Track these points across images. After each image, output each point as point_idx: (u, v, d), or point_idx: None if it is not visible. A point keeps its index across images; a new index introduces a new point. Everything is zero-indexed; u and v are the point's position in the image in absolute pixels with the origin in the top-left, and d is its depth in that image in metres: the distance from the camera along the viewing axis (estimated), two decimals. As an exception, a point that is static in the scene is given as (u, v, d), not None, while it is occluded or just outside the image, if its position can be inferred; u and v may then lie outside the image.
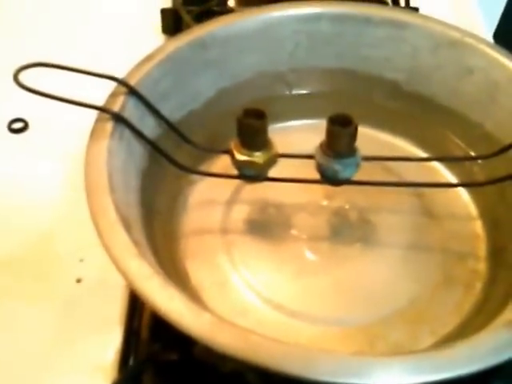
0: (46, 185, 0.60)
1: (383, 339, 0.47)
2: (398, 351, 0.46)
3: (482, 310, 0.48)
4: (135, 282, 0.37)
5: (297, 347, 0.36)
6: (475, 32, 0.57)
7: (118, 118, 0.46)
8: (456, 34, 0.55)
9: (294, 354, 0.35)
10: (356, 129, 0.47)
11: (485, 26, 0.78)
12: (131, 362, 0.49)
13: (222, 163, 0.54)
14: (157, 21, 0.75)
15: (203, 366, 0.48)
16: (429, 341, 0.47)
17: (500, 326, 0.38)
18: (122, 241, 0.39)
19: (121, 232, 0.39)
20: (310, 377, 0.34)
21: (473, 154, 0.56)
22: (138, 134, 0.48)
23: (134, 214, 0.44)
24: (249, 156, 0.49)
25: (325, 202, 0.55)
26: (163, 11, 0.74)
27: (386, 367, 0.35)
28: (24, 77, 0.43)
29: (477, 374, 0.45)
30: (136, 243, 0.39)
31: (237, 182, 0.54)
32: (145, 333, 0.51)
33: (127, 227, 0.40)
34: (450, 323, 0.48)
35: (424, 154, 0.59)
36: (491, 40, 0.73)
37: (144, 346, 0.50)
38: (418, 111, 0.59)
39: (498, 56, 0.54)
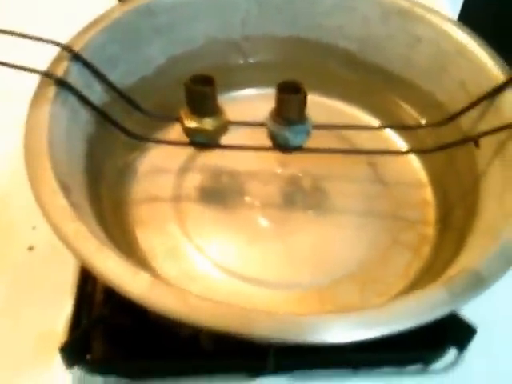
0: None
1: (333, 302, 0.48)
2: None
3: (429, 272, 0.48)
4: (71, 244, 0.36)
5: (237, 308, 0.35)
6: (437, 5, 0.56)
7: (61, 83, 0.45)
8: (405, 4, 0.55)
9: (232, 313, 0.35)
10: (305, 96, 0.46)
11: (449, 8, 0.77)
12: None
13: (175, 131, 0.53)
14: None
15: (157, 331, 0.48)
16: (377, 302, 0.47)
17: (436, 285, 0.38)
18: (58, 204, 0.38)
19: (58, 195, 0.38)
20: (248, 334, 0.34)
21: (423, 122, 0.56)
22: (84, 100, 0.47)
23: (77, 181, 0.44)
24: (198, 123, 0.48)
25: (278, 170, 0.55)
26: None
27: (321, 324, 0.35)
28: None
29: (431, 337, 0.46)
30: (75, 206, 0.39)
31: (189, 150, 0.53)
32: (98, 299, 0.50)
33: (66, 191, 0.39)
34: (398, 286, 0.48)
35: (377, 122, 0.59)
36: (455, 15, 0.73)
37: (97, 310, 0.49)
38: (372, 80, 0.58)
39: (447, 26, 0.53)
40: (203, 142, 0.50)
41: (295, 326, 0.35)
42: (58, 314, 0.49)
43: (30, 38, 0.44)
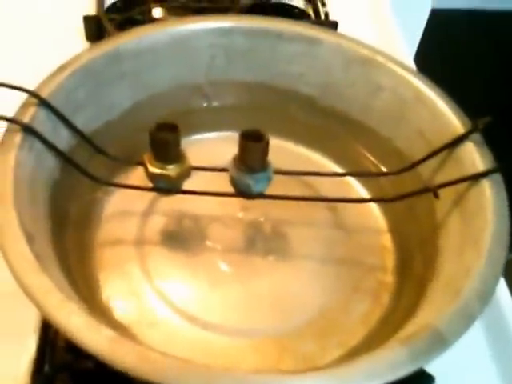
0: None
1: (293, 351, 0.48)
2: (306, 365, 0.47)
3: (389, 321, 0.49)
4: (34, 297, 0.37)
5: (197, 366, 0.35)
6: (395, 52, 0.57)
7: (28, 130, 0.45)
8: (367, 52, 0.56)
9: (194, 372, 0.35)
10: (267, 144, 0.48)
11: (405, 49, 0.79)
12: (45, 370, 0.48)
13: (139, 175, 0.53)
14: (81, 28, 0.74)
15: (120, 375, 0.48)
16: (337, 353, 0.47)
17: (396, 343, 0.38)
18: (22, 254, 0.38)
19: (23, 245, 0.39)
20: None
21: (384, 169, 0.58)
22: (49, 146, 0.47)
23: (41, 226, 0.44)
24: (162, 169, 0.48)
25: (240, 215, 0.56)
26: (86, 18, 0.74)
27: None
28: None
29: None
30: (38, 257, 0.39)
31: (152, 194, 0.54)
32: (61, 341, 0.50)
33: (30, 241, 0.39)
34: (358, 335, 0.49)
35: (338, 168, 0.60)
36: (412, 63, 0.74)
37: (60, 355, 0.49)
38: (333, 126, 0.59)
39: (406, 74, 0.55)
40: (166, 187, 0.50)
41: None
42: (19, 355, 0.49)
43: (-2, 84, 0.44)
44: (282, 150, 0.52)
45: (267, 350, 0.48)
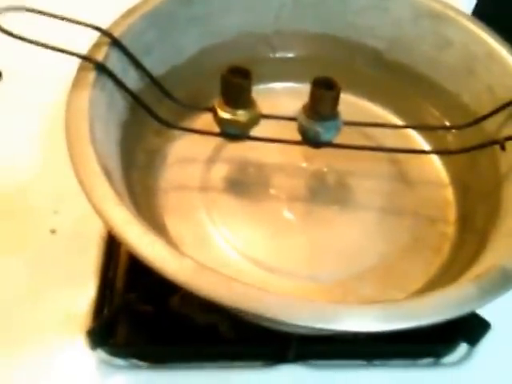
0: (21, 136, 0.58)
1: (355, 294, 0.47)
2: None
3: (449, 270, 0.48)
4: (118, 229, 0.35)
5: (276, 294, 0.35)
6: (455, 5, 0.56)
7: (101, 68, 0.44)
8: (437, 6, 0.54)
9: (274, 299, 0.34)
10: (339, 92, 0.45)
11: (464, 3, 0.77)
12: (105, 312, 0.49)
13: (203, 121, 0.52)
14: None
15: (178, 318, 0.48)
16: (398, 296, 0.46)
17: (466, 280, 0.38)
18: (103, 189, 0.37)
19: (102, 181, 0.38)
20: (288, 321, 0.34)
21: (447, 123, 0.56)
22: (121, 86, 0.45)
23: (114, 165, 0.42)
24: (232, 114, 0.47)
25: (304, 164, 0.54)
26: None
27: (357, 314, 0.35)
28: (3, 21, 0.40)
29: (444, 331, 0.46)
30: (117, 192, 0.38)
31: (217, 140, 0.52)
32: (120, 283, 0.50)
33: (108, 176, 0.38)
34: (418, 281, 0.48)
35: (401, 122, 0.58)
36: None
37: (119, 297, 0.49)
38: (398, 80, 0.57)
39: (478, 30, 0.52)
40: (234, 133, 0.49)
41: (334, 315, 0.34)
42: (80, 296, 0.49)
43: (71, 21, 0.43)
44: (346, 103, 0.51)
45: (330, 292, 0.47)
